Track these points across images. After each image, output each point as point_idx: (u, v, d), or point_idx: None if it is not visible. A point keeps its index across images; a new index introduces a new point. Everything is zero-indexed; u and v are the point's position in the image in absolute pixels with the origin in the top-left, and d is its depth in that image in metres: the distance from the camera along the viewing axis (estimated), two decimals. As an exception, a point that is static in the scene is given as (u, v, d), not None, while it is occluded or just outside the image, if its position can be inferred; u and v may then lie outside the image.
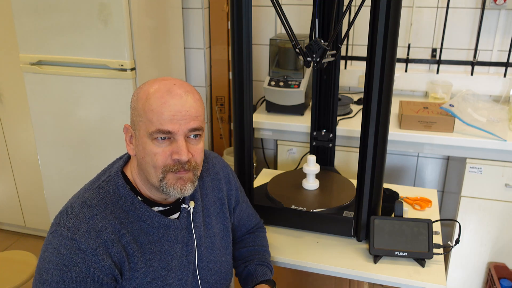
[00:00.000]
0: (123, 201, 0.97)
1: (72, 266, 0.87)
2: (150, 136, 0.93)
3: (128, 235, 0.95)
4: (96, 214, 0.93)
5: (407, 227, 1.31)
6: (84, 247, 0.88)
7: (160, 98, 0.92)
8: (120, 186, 0.98)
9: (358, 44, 2.41)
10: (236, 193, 1.23)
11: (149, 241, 0.98)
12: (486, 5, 2.13)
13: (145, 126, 0.93)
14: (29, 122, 2.32)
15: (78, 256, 0.88)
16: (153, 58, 2.16)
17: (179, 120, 0.92)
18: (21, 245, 2.79)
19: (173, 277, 1.02)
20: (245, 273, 1.22)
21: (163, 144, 0.93)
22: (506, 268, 2.05)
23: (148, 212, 0.98)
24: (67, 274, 0.87)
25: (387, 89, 1.24)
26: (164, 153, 0.94)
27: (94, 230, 0.90)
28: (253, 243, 1.28)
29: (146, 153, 0.94)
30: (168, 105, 0.92)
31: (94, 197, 0.96)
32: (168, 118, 0.91)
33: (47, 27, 1.99)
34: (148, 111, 0.92)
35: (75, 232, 0.89)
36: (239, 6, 1.27)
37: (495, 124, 1.90)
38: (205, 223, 1.11)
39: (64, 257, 0.87)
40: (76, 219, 0.91)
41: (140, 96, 0.94)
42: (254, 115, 2.15)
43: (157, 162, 0.93)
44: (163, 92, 0.93)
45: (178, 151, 0.93)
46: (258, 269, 1.21)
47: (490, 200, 1.98)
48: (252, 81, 1.37)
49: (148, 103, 0.92)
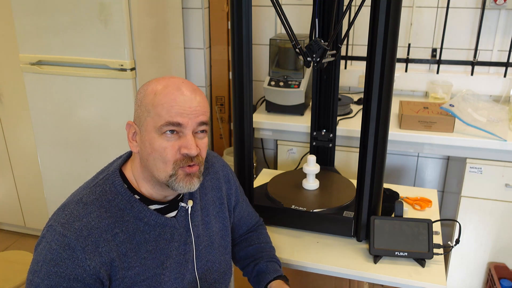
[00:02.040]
0: (119, 199, 0.97)
1: (59, 261, 0.88)
2: (158, 131, 0.94)
3: (122, 234, 0.95)
4: (90, 212, 0.94)
5: (407, 227, 1.31)
6: (73, 244, 0.89)
7: (170, 94, 0.94)
8: (117, 184, 0.98)
9: (358, 44, 2.41)
10: (236, 192, 1.23)
11: (145, 239, 0.98)
12: (486, 5, 2.13)
13: (153, 121, 0.94)
14: (29, 122, 2.32)
15: (66, 252, 0.89)
16: (153, 58, 2.15)
17: (188, 114, 0.94)
18: (21, 245, 2.79)
19: (168, 275, 1.02)
20: (255, 271, 1.22)
21: (172, 139, 0.94)
22: (506, 268, 2.05)
23: (144, 211, 0.99)
24: (54, 268, 0.88)
25: (387, 89, 1.24)
26: (173, 147, 0.94)
27: (86, 228, 0.91)
28: (258, 240, 1.29)
29: (153, 149, 0.95)
30: (178, 101, 0.94)
31: (90, 195, 0.97)
32: (178, 112, 0.93)
33: (47, 27, 1.99)
34: (158, 106, 0.93)
35: (67, 228, 0.90)
36: (239, 6, 1.27)
37: (495, 124, 1.90)
38: (204, 222, 1.11)
39: (53, 252, 0.89)
40: (70, 216, 0.92)
41: (148, 92, 0.96)
42: (254, 115, 2.15)
43: (167, 157, 0.94)
44: (172, 88, 0.95)
45: (187, 145, 0.94)
46: (270, 266, 1.21)
47: (490, 200, 1.98)
48: (252, 81, 1.37)
49: (158, 98, 0.94)
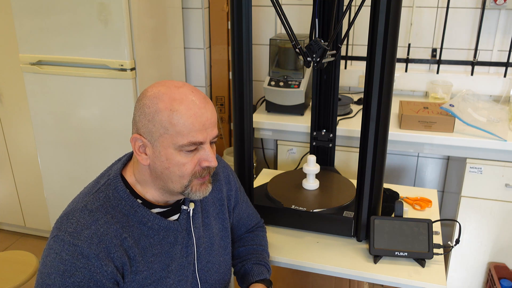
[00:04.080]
0: (123, 205, 0.97)
1: (74, 271, 0.87)
2: (178, 148, 0.93)
3: (130, 239, 0.95)
4: (97, 219, 0.92)
5: (407, 227, 1.31)
6: (86, 253, 0.88)
7: (188, 110, 0.91)
8: (119, 190, 0.98)
9: (358, 44, 2.41)
10: (236, 193, 1.23)
11: (150, 244, 0.98)
12: (486, 5, 2.13)
13: (172, 139, 0.92)
14: (29, 122, 2.32)
15: (81, 261, 0.87)
16: (153, 58, 2.15)
17: (206, 129, 0.94)
18: (21, 245, 2.78)
19: (173, 278, 1.02)
20: (242, 271, 1.22)
21: (191, 154, 0.95)
22: (506, 268, 2.05)
23: (148, 215, 0.98)
24: (70, 279, 0.87)
25: (387, 89, 1.24)
26: (192, 162, 0.95)
27: (96, 236, 0.90)
28: (252, 242, 1.28)
29: (171, 164, 0.94)
30: (198, 116, 0.92)
31: (95, 201, 0.96)
32: (199, 129, 0.92)
33: (47, 27, 1.99)
34: (177, 125, 0.91)
35: (77, 237, 0.89)
36: (239, 6, 1.27)
37: (495, 124, 1.90)
38: (204, 223, 1.12)
39: (66, 262, 0.87)
40: (77, 225, 0.91)
41: (161, 108, 0.91)
42: (254, 115, 2.15)
43: (185, 171, 0.95)
44: (188, 102, 0.92)
45: (208, 158, 0.96)
46: (255, 268, 1.21)
47: (490, 200, 1.98)
48: (252, 81, 1.37)
49: (176, 117, 0.90)
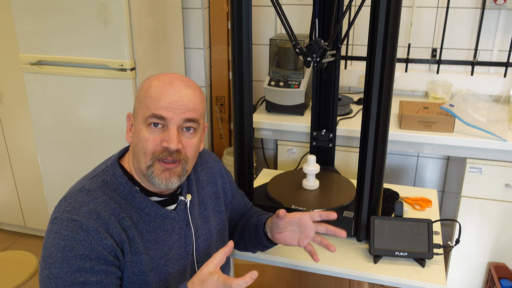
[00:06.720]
0: (121, 189, 0.98)
1: (75, 245, 0.87)
2: (145, 122, 0.95)
3: (128, 220, 0.96)
4: (96, 198, 0.94)
5: (407, 227, 1.31)
6: (85, 226, 0.89)
7: (161, 87, 0.96)
8: (118, 175, 0.99)
9: (358, 44, 2.41)
10: (231, 185, 1.26)
11: (147, 229, 0.99)
12: (486, 5, 2.13)
13: (142, 112, 0.96)
14: (29, 122, 2.31)
15: (80, 234, 0.88)
16: (153, 58, 2.15)
17: (174, 109, 0.95)
18: (21, 245, 2.79)
19: (172, 267, 1.03)
20: (252, 229, 1.22)
21: (156, 132, 0.96)
22: (506, 268, 2.05)
23: (145, 202, 0.99)
24: (71, 253, 0.87)
25: (387, 89, 1.24)
26: (155, 140, 0.95)
27: (94, 212, 0.91)
28: (249, 212, 1.33)
29: (139, 139, 0.96)
30: (167, 94, 0.95)
31: (93, 183, 0.97)
32: (164, 105, 0.94)
33: (47, 27, 1.99)
34: (147, 97, 0.96)
35: (75, 213, 0.90)
36: (239, 6, 1.27)
37: (495, 124, 1.90)
38: (202, 216, 1.13)
39: (66, 238, 0.88)
40: (75, 203, 0.92)
41: (144, 86, 0.99)
42: (254, 115, 2.15)
43: (147, 148, 0.95)
44: (164, 82, 0.97)
45: (168, 139, 0.95)
46: (260, 216, 1.23)
47: (490, 200, 1.98)
48: (252, 81, 1.37)
49: (149, 91, 0.97)
